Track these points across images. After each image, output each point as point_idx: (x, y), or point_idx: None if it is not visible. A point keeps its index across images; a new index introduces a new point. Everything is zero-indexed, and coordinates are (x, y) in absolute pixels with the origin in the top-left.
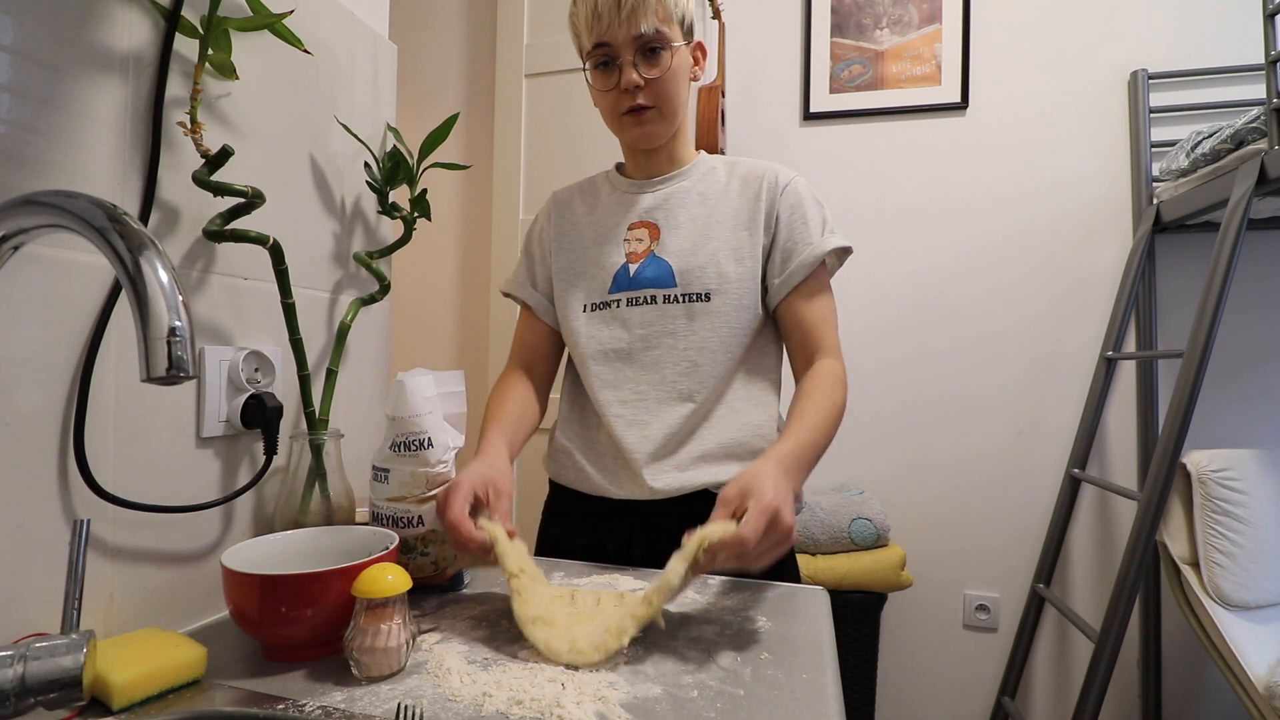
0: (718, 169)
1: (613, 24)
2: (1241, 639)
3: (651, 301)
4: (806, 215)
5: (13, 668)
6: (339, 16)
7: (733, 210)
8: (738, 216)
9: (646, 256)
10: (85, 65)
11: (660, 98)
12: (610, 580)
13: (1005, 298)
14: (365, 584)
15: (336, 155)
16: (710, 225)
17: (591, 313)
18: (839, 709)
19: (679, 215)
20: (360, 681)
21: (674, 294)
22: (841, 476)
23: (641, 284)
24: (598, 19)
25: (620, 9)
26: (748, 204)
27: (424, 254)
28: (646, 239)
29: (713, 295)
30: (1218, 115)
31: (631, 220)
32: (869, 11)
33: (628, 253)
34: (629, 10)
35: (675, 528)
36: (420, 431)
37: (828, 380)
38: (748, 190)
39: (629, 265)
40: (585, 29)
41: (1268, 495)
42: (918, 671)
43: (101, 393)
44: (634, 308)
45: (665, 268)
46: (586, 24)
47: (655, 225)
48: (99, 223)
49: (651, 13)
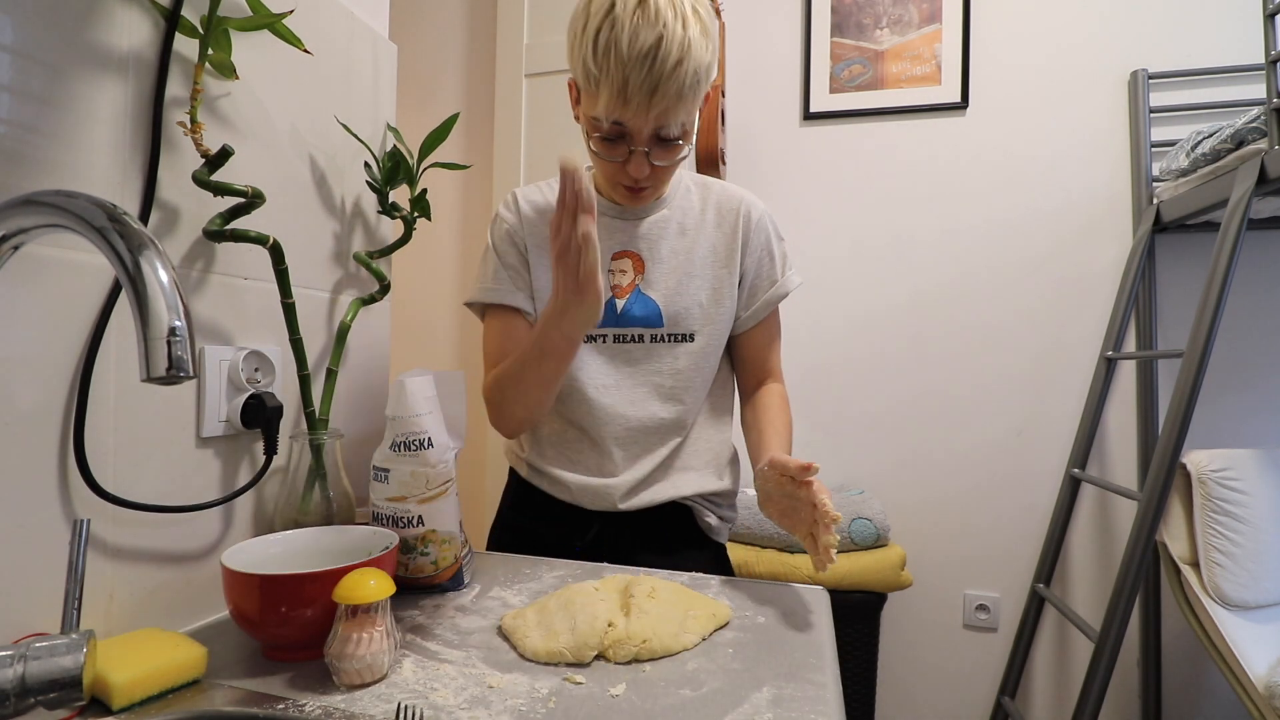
0: (691, 191)
1: (639, 113)
2: (1241, 639)
3: (639, 340)
4: (773, 252)
5: (13, 668)
6: (339, 16)
7: (710, 246)
8: (716, 253)
9: (632, 291)
10: (85, 65)
11: (663, 178)
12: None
13: (1005, 297)
14: (346, 590)
15: (336, 155)
16: (691, 261)
17: None
18: (839, 709)
19: (661, 248)
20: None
21: (661, 333)
22: (841, 476)
23: (630, 322)
24: (623, 102)
25: (651, 102)
26: (725, 239)
27: (424, 254)
28: (631, 271)
29: (696, 336)
30: (1218, 115)
31: (615, 249)
32: (869, 11)
33: (613, 285)
34: (661, 108)
35: (643, 531)
36: (420, 431)
37: (784, 402)
38: (724, 223)
39: (616, 300)
40: (603, 102)
41: (1268, 495)
42: (918, 671)
43: (101, 393)
44: (620, 344)
45: (653, 307)
46: (607, 103)
47: (639, 257)
48: (99, 223)
49: (683, 110)
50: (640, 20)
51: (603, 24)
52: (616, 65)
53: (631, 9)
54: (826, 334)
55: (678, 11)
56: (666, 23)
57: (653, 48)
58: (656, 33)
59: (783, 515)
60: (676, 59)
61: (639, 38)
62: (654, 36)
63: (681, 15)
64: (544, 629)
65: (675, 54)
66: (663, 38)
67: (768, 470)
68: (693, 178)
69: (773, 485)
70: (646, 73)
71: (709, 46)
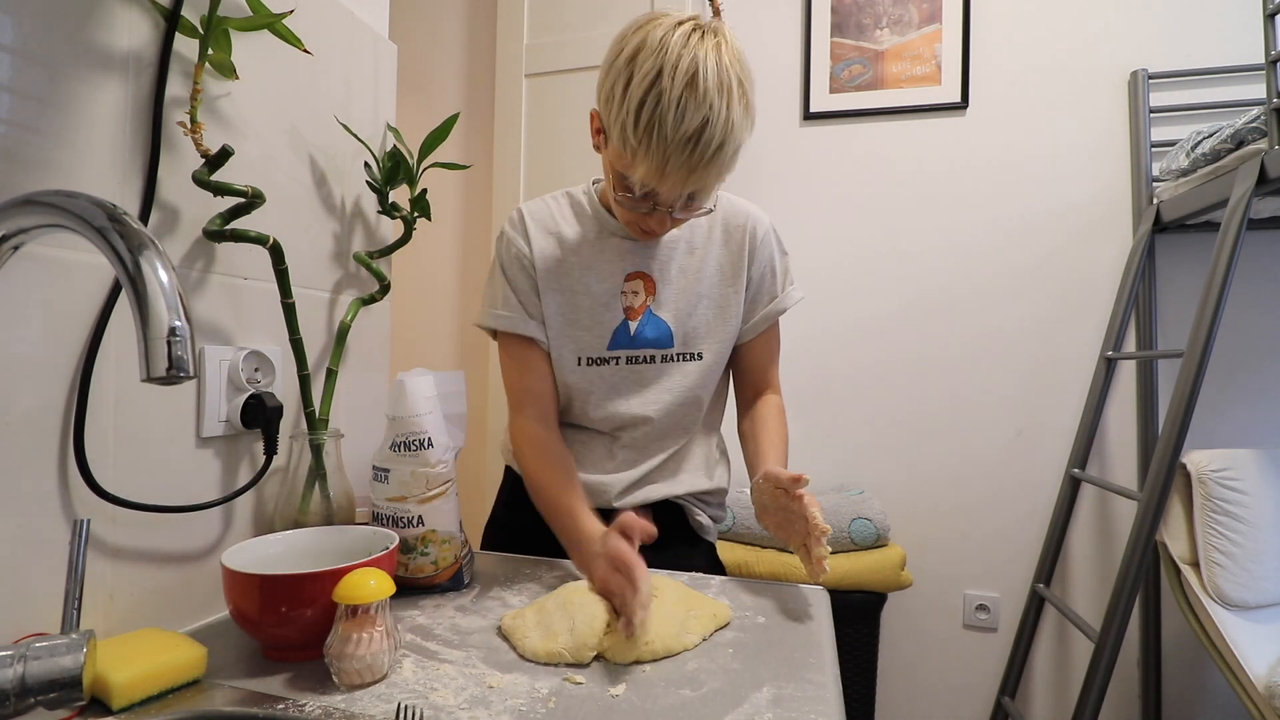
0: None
1: (674, 188)
2: (1241, 639)
3: (651, 361)
4: (775, 268)
5: (13, 667)
6: (339, 16)
7: (718, 264)
8: (722, 271)
9: (644, 313)
10: (85, 65)
11: (679, 226)
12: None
13: (1005, 297)
14: (346, 589)
15: (336, 155)
16: (700, 280)
17: (587, 366)
18: (839, 709)
19: (670, 269)
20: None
21: (672, 353)
22: (841, 476)
23: (642, 344)
24: (660, 178)
25: (689, 181)
26: (731, 256)
27: (424, 254)
28: (643, 292)
29: (705, 354)
30: (1218, 115)
31: (627, 270)
32: (869, 11)
33: (625, 306)
34: (697, 185)
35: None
36: (420, 431)
37: (781, 414)
38: (731, 241)
39: (629, 322)
40: (639, 174)
41: (1268, 495)
42: (918, 671)
43: (101, 393)
44: (633, 366)
45: (664, 329)
46: (643, 176)
47: (651, 278)
48: (99, 223)
49: (717, 181)
50: (688, 102)
51: (647, 96)
52: (659, 144)
53: (680, 87)
54: (827, 333)
55: (724, 89)
56: (713, 104)
57: (698, 131)
58: (703, 116)
59: (779, 527)
60: (719, 142)
61: (684, 122)
62: (699, 120)
63: (727, 94)
64: (543, 629)
65: (719, 137)
66: (709, 121)
67: (763, 483)
68: None
69: (768, 498)
70: (688, 156)
71: (749, 122)
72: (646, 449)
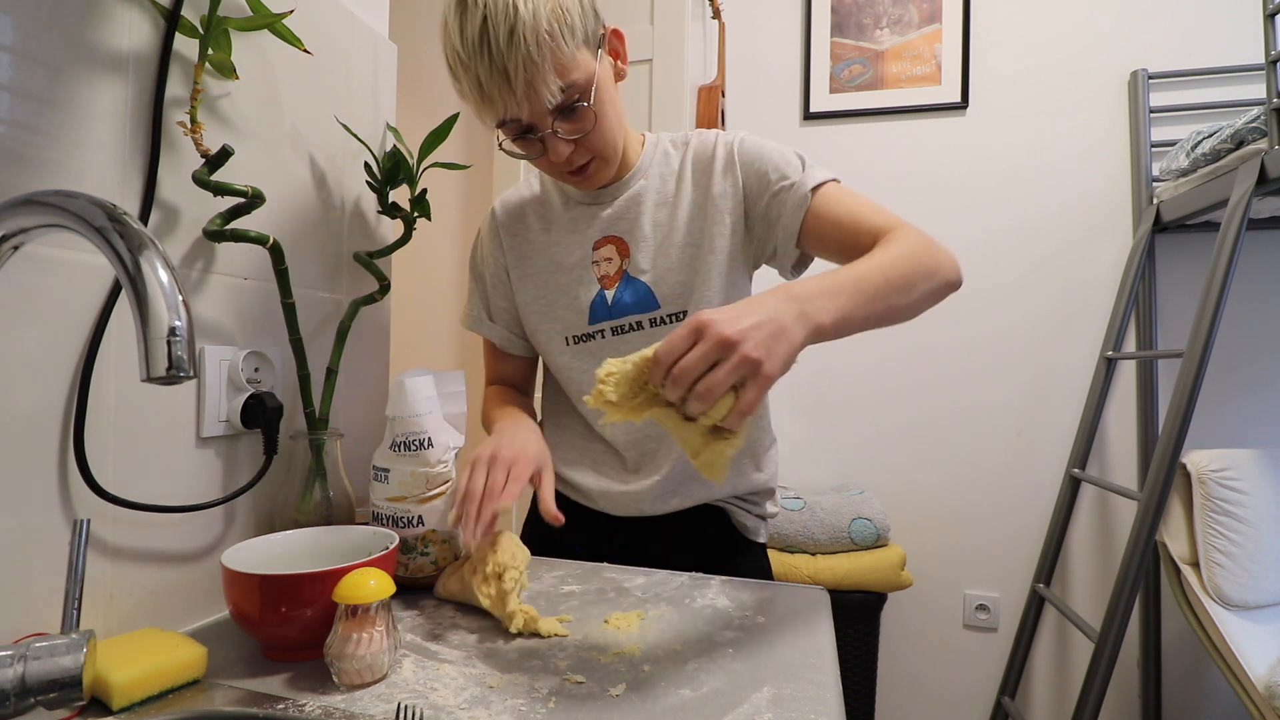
0: (670, 155)
1: (508, 103)
2: (1241, 639)
3: (639, 328)
4: (764, 166)
5: (13, 667)
6: (339, 16)
7: (693, 206)
8: (701, 211)
9: (620, 279)
10: (85, 65)
11: (597, 146)
12: (619, 577)
13: (1005, 297)
14: (346, 589)
15: (336, 155)
16: (674, 230)
17: (575, 345)
18: (839, 709)
19: (643, 224)
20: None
21: (660, 315)
22: (841, 476)
23: (623, 311)
24: (489, 102)
25: (511, 86)
26: (705, 191)
27: (424, 254)
28: (616, 257)
29: (695, 310)
30: (1218, 115)
31: (595, 238)
32: (869, 11)
33: (599, 276)
34: (523, 86)
35: (674, 535)
36: (420, 431)
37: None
38: (701, 176)
39: (605, 292)
40: (479, 110)
41: (1268, 495)
42: (918, 671)
43: (101, 393)
44: (621, 336)
45: (643, 289)
46: (477, 106)
47: (622, 240)
48: (99, 222)
49: (550, 73)
50: (462, 15)
51: (444, 41)
52: (465, 71)
53: (454, 10)
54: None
55: None
56: (485, 4)
57: (480, 33)
58: (479, 17)
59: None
60: (507, 30)
61: (466, 32)
62: (478, 22)
63: None
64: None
65: (503, 27)
66: (485, 19)
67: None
68: (672, 139)
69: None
70: (489, 61)
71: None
72: (666, 439)
